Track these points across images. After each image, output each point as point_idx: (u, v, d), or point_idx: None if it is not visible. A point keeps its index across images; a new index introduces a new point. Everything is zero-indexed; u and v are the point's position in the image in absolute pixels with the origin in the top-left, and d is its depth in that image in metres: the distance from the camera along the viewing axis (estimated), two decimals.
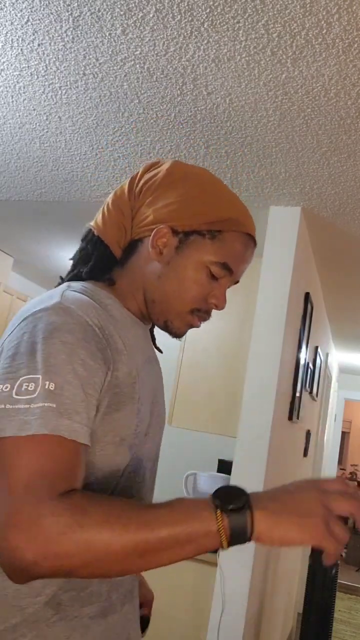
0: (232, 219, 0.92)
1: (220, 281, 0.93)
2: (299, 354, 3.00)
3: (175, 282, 0.92)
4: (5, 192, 3.10)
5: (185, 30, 1.64)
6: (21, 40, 1.81)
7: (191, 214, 0.91)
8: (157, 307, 0.94)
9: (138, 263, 0.94)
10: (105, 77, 1.94)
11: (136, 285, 0.94)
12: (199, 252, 0.91)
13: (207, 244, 0.91)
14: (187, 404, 2.71)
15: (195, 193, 0.92)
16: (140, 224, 0.94)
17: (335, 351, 6.10)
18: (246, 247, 0.95)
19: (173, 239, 0.92)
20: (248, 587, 2.29)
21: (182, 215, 0.91)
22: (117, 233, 0.95)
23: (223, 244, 0.92)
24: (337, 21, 1.50)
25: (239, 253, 0.93)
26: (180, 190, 0.92)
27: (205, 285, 0.92)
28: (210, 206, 0.92)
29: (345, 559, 7.60)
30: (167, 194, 0.92)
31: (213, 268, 0.91)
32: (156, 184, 0.93)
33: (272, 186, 2.51)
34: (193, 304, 0.92)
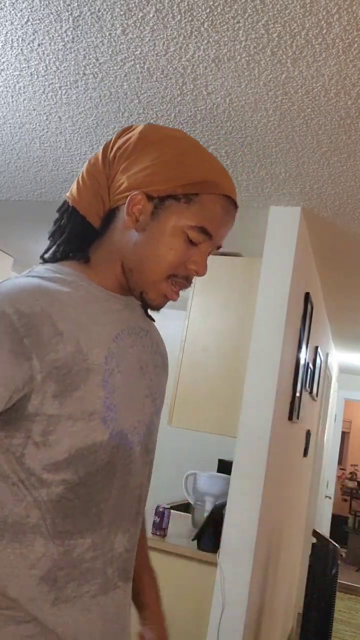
0: (209, 181, 0.89)
1: (200, 246, 0.90)
2: (299, 354, 3.00)
3: (151, 248, 0.89)
4: (5, 192, 3.10)
5: (185, 30, 1.64)
6: (21, 40, 1.81)
7: (165, 178, 0.88)
8: (133, 276, 0.91)
9: (116, 233, 0.92)
10: (105, 77, 1.94)
11: (113, 256, 0.92)
12: (175, 217, 0.88)
13: (183, 208, 0.88)
14: (187, 404, 2.71)
15: (170, 156, 0.89)
16: (116, 191, 0.91)
17: (335, 351, 6.10)
18: (225, 209, 0.91)
19: (148, 204, 0.88)
20: (248, 587, 2.29)
21: (157, 180, 0.88)
22: (94, 202, 0.92)
23: (200, 207, 0.88)
24: (337, 21, 1.50)
25: (217, 216, 0.90)
26: (154, 153, 0.89)
27: (182, 250, 0.89)
28: (185, 168, 0.88)
29: (345, 559, 7.60)
30: (141, 159, 0.89)
31: (190, 233, 0.88)
32: (129, 149, 0.90)
33: (272, 186, 2.51)
34: (169, 270, 0.89)
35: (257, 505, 2.35)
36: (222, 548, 2.35)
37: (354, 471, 9.16)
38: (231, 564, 2.32)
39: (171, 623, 2.48)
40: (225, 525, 2.37)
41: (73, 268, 0.91)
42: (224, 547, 2.35)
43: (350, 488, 8.97)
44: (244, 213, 2.85)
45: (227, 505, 2.41)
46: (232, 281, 2.79)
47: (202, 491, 2.82)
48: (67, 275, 0.88)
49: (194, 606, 2.39)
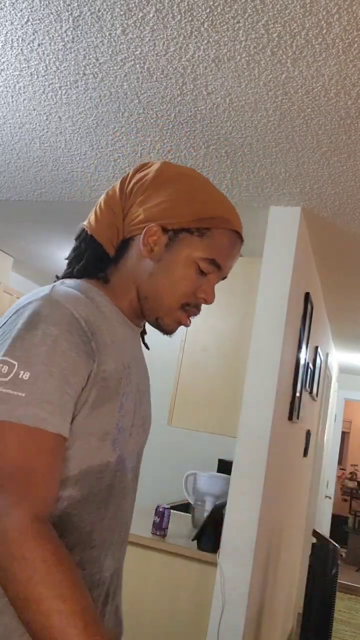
0: (220, 217, 0.96)
1: (209, 277, 0.97)
2: (299, 354, 3.00)
3: (166, 278, 0.95)
4: (5, 192, 3.10)
5: (185, 30, 1.64)
6: (21, 40, 1.81)
7: (180, 213, 0.94)
8: (149, 303, 0.97)
9: (130, 261, 0.97)
10: (105, 77, 1.94)
11: (129, 283, 0.97)
12: (189, 249, 0.95)
13: (196, 241, 0.95)
14: (187, 404, 2.71)
15: (184, 192, 0.96)
16: (131, 222, 0.97)
17: (335, 351, 6.10)
18: (233, 243, 0.98)
19: (163, 236, 0.95)
20: (248, 587, 2.29)
21: (172, 214, 0.94)
22: (109, 232, 0.98)
23: (211, 241, 0.95)
24: (337, 21, 1.50)
25: (226, 249, 0.97)
26: (169, 189, 0.96)
27: (194, 280, 0.95)
28: (198, 205, 0.95)
29: (345, 559, 7.60)
30: (157, 194, 0.96)
31: (202, 264, 0.95)
32: (146, 184, 0.97)
33: (272, 186, 2.51)
34: (183, 299, 0.96)
35: (257, 505, 2.35)
36: (222, 548, 2.35)
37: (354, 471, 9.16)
38: (231, 564, 2.32)
39: (171, 623, 2.49)
40: (225, 525, 2.37)
41: (98, 288, 0.96)
42: (224, 547, 2.35)
43: (350, 488, 8.97)
44: (244, 213, 2.84)
45: (227, 505, 2.41)
46: (232, 281, 2.79)
47: (202, 491, 2.82)
48: (96, 295, 0.93)
49: (194, 606, 2.39)
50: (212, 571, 2.37)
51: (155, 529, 2.56)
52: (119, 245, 0.99)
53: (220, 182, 2.56)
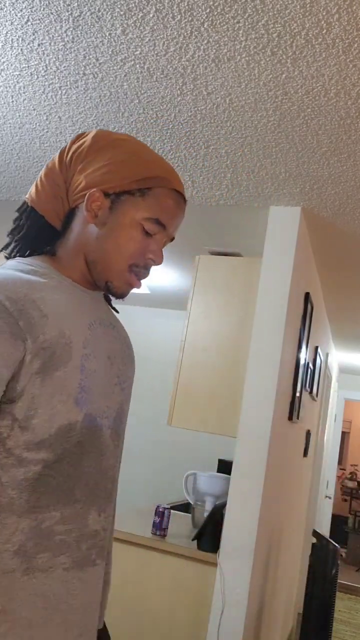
0: (159, 176, 0.98)
1: (155, 237, 0.98)
2: (299, 354, 3.00)
3: (112, 240, 0.96)
4: (5, 192, 3.10)
5: (185, 30, 1.64)
6: (21, 40, 1.81)
7: (120, 176, 0.96)
8: (97, 267, 0.98)
9: (76, 229, 0.99)
10: (105, 77, 1.94)
11: (76, 251, 0.99)
12: (132, 210, 0.96)
13: (138, 202, 0.96)
14: (187, 404, 2.71)
15: (122, 156, 0.97)
16: (74, 191, 0.98)
17: (335, 351, 6.10)
18: (176, 202, 1.00)
19: (105, 200, 0.96)
20: (248, 587, 2.29)
21: (112, 178, 0.96)
22: (53, 204, 0.99)
23: (154, 200, 0.97)
24: (337, 21, 1.50)
25: (169, 208, 0.98)
26: (107, 154, 0.97)
27: (140, 241, 0.97)
28: (137, 166, 0.97)
29: (345, 559, 7.60)
30: (96, 160, 0.97)
31: (146, 224, 0.96)
32: (85, 151, 0.98)
33: (272, 186, 2.51)
34: (130, 260, 0.97)
35: (257, 505, 2.36)
36: (222, 548, 2.35)
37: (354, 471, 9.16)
38: (231, 564, 2.32)
39: (171, 623, 2.49)
40: (225, 525, 2.37)
41: (43, 261, 0.98)
42: (224, 547, 2.35)
43: (350, 488, 8.97)
44: (244, 213, 2.85)
45: (227, 505, 2.41)
46: (232, 281, 2.79)
47: (202, 491, 2.82)
48: (39, 268, 0.95)
49: (194, 606, 2.39)
50: (212, 571, 2.37)
51: (155, 529, 2.56)
52: (66, 216, 1.01)
53: (220, 182, 2.56)
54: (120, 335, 1.06)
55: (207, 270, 2.85)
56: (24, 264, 0.94)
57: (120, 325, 1.10)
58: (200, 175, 2.52)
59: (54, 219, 1.00)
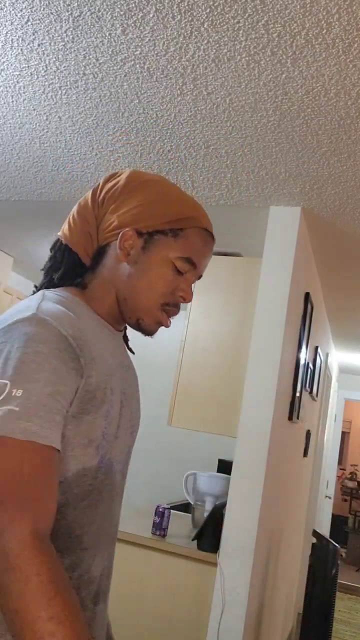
0: (191, 216, 1.00)
1: (186, 275, 1.00)
2: (299, 354, 3.00)
3: (144, 279, 0.98)
4: (5, 192, 3.10)
5: (185, 30, 1.64)
6: (21, 40, 1.81)
7: (153, 216, 0.98)
8: (128, 304, 0.99)
9: (107, 266, 1.00)
10: (105, 77, 1.94)
11: (107, 287, 1.00)
12: (164, 250, 0.98)
13: (170, 242, 0.98)
14: (187, 404, 2.71)
15: (155, 196, 0.99)
16: (105, 230, 1.00)
17: (335, 351, 6.10)
18: (206, 241, 1.02)
19: (138, 240, 0.98)
20: (248, 587, 2.29)
21: (145, 217, 0.98)
22: (84, 241, 1.01)
23: (185, 240, 0.99)
24: (337, 21, 1.50)
25: (200, 248, 1.00)
26: (140, 195, 0.99)
27: (171, 279, 0.98)
28: (169, 207, 0.99)
29: (345, 559, 7.60)
30: (129, 200, 0.99)
31: (178, 263, 0.98)
32: (117, 192, 1.00)
33: (272, 186, 2.51)
34: (162, 299, 0.98)
35: (257, 505, 2.35)
36: (222, 548, 2.35)
37: (354, 471, 9.16)
38: (231, 564, 2.32)
39: (171, 623, 2.49)
40: (225, 525, 2.37)
41: (76, 296, 0.99)
42: (224, 547, 2.35)
43: (350, 488, 8.97)
44: (244, 213, 2.85)
45: (227, 505, 2.41)
46: (232, 281, 2.79)
47: (202, 491, 2.82)
48: (74, 304, 0.96)
49: (194, 606, 2.39)
50: (212, 571, 2.37)
51: (155, 529, 2.55)
52: (95, 254, 1.02)
53: (220, 182, 2.56)
54: (133, 378, 1.07)
55: (207, 270, 2.85)
56: (63, 298, 0.94)
57: (133, 367, 1.12)
58: (200, 175, 2.52)
59: (84, 256, 1.01)
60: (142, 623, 2.44)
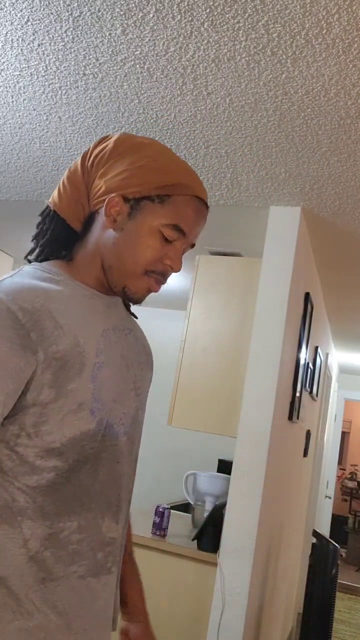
0: (181, 183, 0.96)
1: (175, 244, 0.97)
2: (299, 354, 3.00)
3: (130, 246, 0.96)
4: (5, 192, 3.10)
5: (185, 30, 1.64)
6: (21, 40, 1.81)
7: (140, 181, 0.95)
8: (114, 272, 0.97)
9: (95, 233, 0.99)
10: (105, 77, 1.94)
11: (93, 255, 0.98)
12: (151, 217, 0.95)
13: (157, 208, 0.95)
14: (187, 404, 2.71)
15: (143, 161, 0.96)
16: (94, 196, 0.98)
17: (335, 351, 6.10)
18: (197, 209, 0.98)
19: (125, 206, 0.95)
20: (248, 587, 2.29)
21: (132, 183, 0.95)
22: (74, 208, 0.99)
23: (173, 207, 0.96)
24: (337, 21, 1.50)
25: (190, 215, 0.97)
26: (128, 159, 0.96)
27: (158, 248, 0.96)
28: (158, 172, 0.96)
29: (345, 559, 7.60)
30: (117, 164, 0.97)
31: (165, 231, 0.95)
32: (106, 156, 0.97)
33: (272, 186, 2.51)
34: (147, 266, 0.96)
35: (257, 505, 2.35)
36: (222, 548, 2.35)
37: (354, 471, 9.15)
38: (231, 564, 2.32)
39: (171, 623, 2.49)
40: (225, 525, 2.37)
41: (59, 267, 0.97)
42: (224, 547, 2.35)
43: (350, 488, 8.97)
44: (244, 213, 2.85)
45: (227, 505, 2.41)
46: (232, 281, 2.79)
47: (202, 491, 2.82)
48: (55, 275, 0.95)
49: (194, 606, 2.39)
50: (212, 571, 2.37)
51: (155, 529, 2.55)
52: (86, 221, 1.00)
53: (220, 182, 2.56)
54: (137, 340, 1.06)
55: (207, 270, 2.85)
56: (41, 271, 0.94)
57: (139, 331, 1.10)
58: (200, 175, 2.52)
59: (75, 222, 1.00)
60: None
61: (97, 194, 0.97)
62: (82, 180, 0.99)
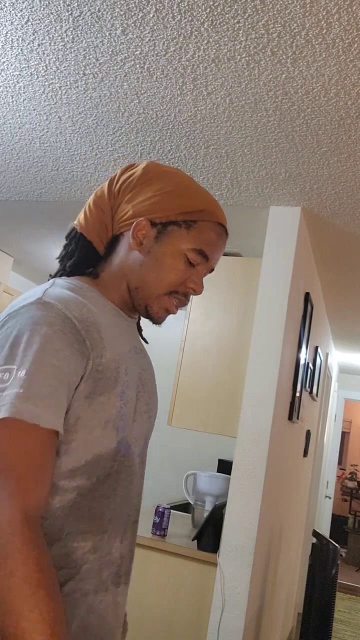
0: (205, 210, 1.01)
1: (197, 267, 1.01)
2: (299, 354, 3.00)
3: (155, 268, 0.99)
4: (5, 192, 3.10)
5: (185, 30, 1.64)
6: (21, 40, 1.81)
7: (167, 207, 0.99)
8: (138, 293, 1.00)
9: (120, 255, 1.02)
10: (105, 77, 1.94)
11: (119, 276, 1.01)
12: (177, 241, 0.99)
13: (183, 233, 0.99)
14: (187, 404, 2.71)
15: (170, 188, 1.00)
16: (120, 219, 1.01)
17: (335, 351, 6.10)
18: (219, 235, 1.03)
19: (152, 230, 0.99)
20: (248, 587, 2.29)
21: (159, 208, 0.99)
22: (99, 230, 1.03)
23: (198, 232, 1.00)
24: (337, 21, 1.50)
25: (213, 241, 1.01)
26: (156, 186, 1.00)
27: (183, 271, 0.99)
28: (184, 199, 1.00)
29: (345, 559, 7.60)
30: (144, 191, 1.00)
31: (190, 255, 0.99)
32: (134, 182, 1.01)
33: (272, 186, 2.51)
34: (170, 287, 0.99)
35: (257, 505, 2.36)
36: (222, 548, 2.35)
37: (354, 471, 9.16)
38: (231, 564, 2.32)
39: (171, 623, 2.49)
40: (225, 525, 2.37)
41: (88, 284, 1.00)
42: (224, 547, 2.35)
43: (350, 488, 8.97)
44: (244, 213, 2.85)
45: (227, 505, 2.41)
46: (232, 281, 2.79)
47: (202, 491, 2.82)
48: (87, 290, 0.97)
49: (194, 606, 2.39)
50: (212, 571, 2.37)
51: (155, 529, 2.56)
52: (109, 243, 1.03)
53: (220, 182, 2.56)
54: (149, 364, 1.09)
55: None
56: (73, 285, 0.96)
57: (148, 355, 1.13)
58: (200, 175, 2.52)
59: (99, 244, 1.03)
60: (142, 623, 2.44)
61: (124, 217, 1.01)
62: (108, 203, 1.02)
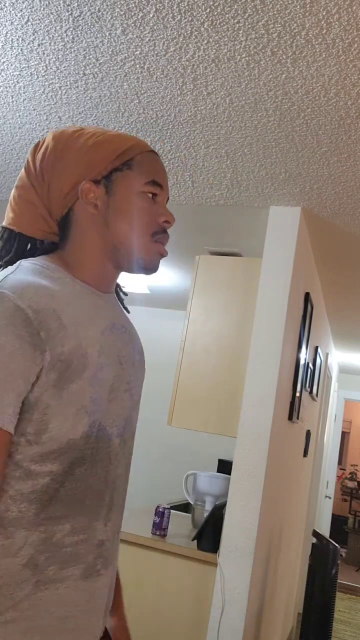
0: (133, 144, 0.98)
1: (157, 199, 0.99)
2: (299, 354, 3.00)
3: (123, 219, 0.96)
4: (6, 192, 3.10)
5: (185, 30, 1.64)
6: (21, 40, 1.81)
7: (100, 158, 0.96)
8: (122, 250, 0.97)
9: (82, 227, 0.97)
10: (105, 77, 1.94)
11: (86, 248, 0.97)
12: (127, 184, 0.96)
13: (129, 174, 0.97)
14: (187, 404, 2.71)
15: (92, 141, 0.96)
16: (61, 196, 0.96)
17: (335, 351, 6.10)
18: (156, 161, 1.01)
19: (98, 188, 0.96)
20: (248, 587, 2.29)
21: (93, 164, 0.95)
22: (41, 224, 0.98)
23: (140, 166, 0.97)
24: (337, 21, 1.50)
25: (156, 168, 1.00)
26: (74, 148, 0.96)
27: (148, 208, 0.97)
28: (111, 143, 0.97)
29: (345, 559, 7.60)
30: (68, 157, 0.96)
31: (146, 189, 0.97)
32: (52, 156, 0.96)
33: (272, 186, 2.51)
34: (148, 229, 0.97)
35: (257, 505, 2.36)
36: (222, 548, 2.35)
37: (354, 471, 9.15)
38: (231, 564, 2.32)
39: (171, 623, 2.49)
40: (225, 525, 2.37)
41: (55, 263, 0.96)
42: (224, 547, 2.35)
43: (350, 488, 8.97)
44: (244, 213, 2.85)
45: (227, 505, 2.41)
46: (232, 281, 2.79)
47: (202, 491, 2.82)
48: (53, 271, 0.93)
49: (194, 606, 2.39)
50: (212, 571, 2.37)
51: (155, 529, 2.56)
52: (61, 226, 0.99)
53: (220, 182, 2.56)
54: (132, 339, 1.05)
55: (207, 270, 2.85)
56: (40, 267, 0.92)
57: (133, 328, 1.09)
58: (200, 175, 2.52)
59: (45, 235, 0.98)
60: (142, 623, 2.44)
61: (64, 192, 0.96)
62: (35, 193, 0.97)
